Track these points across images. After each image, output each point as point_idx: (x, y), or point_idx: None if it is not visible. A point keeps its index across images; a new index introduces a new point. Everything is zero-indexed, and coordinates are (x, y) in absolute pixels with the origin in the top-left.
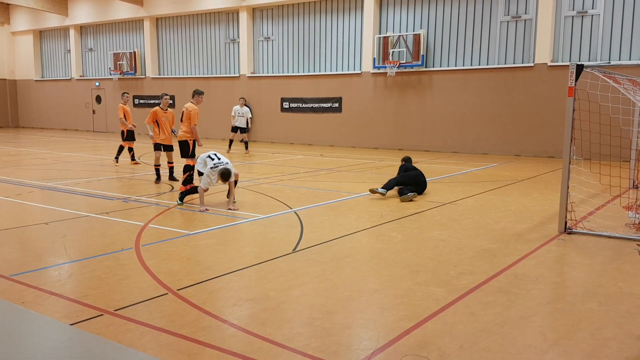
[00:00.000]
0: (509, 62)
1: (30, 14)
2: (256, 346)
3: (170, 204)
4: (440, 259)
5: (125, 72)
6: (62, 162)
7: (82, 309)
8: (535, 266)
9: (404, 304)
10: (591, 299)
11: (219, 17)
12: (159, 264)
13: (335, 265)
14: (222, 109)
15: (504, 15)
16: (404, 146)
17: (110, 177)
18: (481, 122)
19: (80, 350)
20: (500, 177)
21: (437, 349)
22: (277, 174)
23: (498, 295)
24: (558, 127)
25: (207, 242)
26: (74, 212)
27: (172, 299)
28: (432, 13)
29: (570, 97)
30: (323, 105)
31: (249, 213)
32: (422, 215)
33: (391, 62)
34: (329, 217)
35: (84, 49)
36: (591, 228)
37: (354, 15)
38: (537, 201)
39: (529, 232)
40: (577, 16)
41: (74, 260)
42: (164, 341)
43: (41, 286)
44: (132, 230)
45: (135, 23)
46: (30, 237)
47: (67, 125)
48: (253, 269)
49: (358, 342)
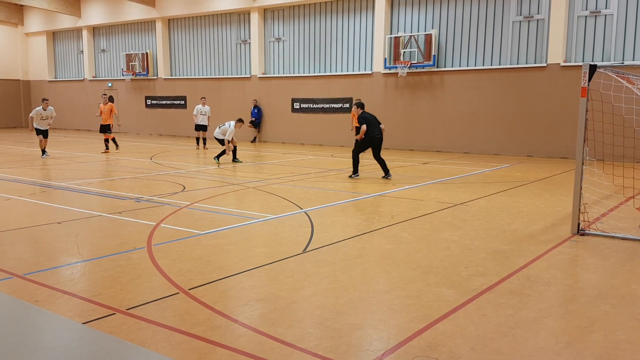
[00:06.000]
0: (522, 62)
1: (44, 15)
2: (267, 346)
3: (181, 203)
4: (451, 260)
5: (138, 73)
6: (75, 162)
7: (95, 308)
8: (548, 268)
9: (414, 305)
10: (604, 301)
11: (230, 18)
12: (170, 263)
13: (345, 266)
14: (233, 110)
15: (516, 15)
16: (415, 146)
17: (122, 177)
18: (493, 122)
19: (92, 349)
20: (512, 178)
21: (448, 351)
22: (287, 175)
23: (510, 296)
24: (571, 127)
25: (218, 242)
26: (87, 212)
27: (184, 298)
28: (443, 13)
29: (583, 97)
30: (334, 105)
31: (259, 213)
32: (433, 216)
33: (402, 62)
34: (339, 217)
35: (96, 49)
36: (604, 229)
37: (365, 15)
38: (550, 202)
39: (542, 234)
40: (591, 16)
41: (86, 260)
42: (175, 340)
43: (54, 285)
44: (144, 230)
45: (148, 24)
46: (43, 237)
47: (80, 126)
48: (263, 269)
49: (368, 343)
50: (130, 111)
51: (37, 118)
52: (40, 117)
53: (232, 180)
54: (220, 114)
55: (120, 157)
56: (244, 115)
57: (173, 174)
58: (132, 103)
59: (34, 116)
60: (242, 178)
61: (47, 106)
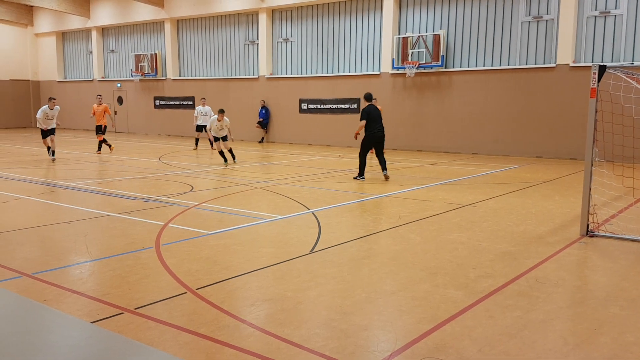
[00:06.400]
0: (530, 63)
1: (53, 15)
2: (274, 346)
3: (189, 203)
4: (459, 262)
5: (147, 73)
6: (84, 162)
7: (103, 307)
8: (556, 269)
9: (422, 306)
10: (613, 303)
11: (238, 19)
12: (178, 263)
13: (352, 267)
14: (241, 110)
15: (525, 15)
16: (423, 147)
17: (131, 177)
18: (501, 123)
19: (100, 348)
20: (520, 179)
21: (456, 352)
22: (295, 175)
23: (518, 298)
24: (580, 128)
25: (225, 242)
26: (96, 212)
27: (191, 298)
28: (452, 13)
29: (592, 98)
30: (341, 106)
31: (267, 214)
32: (441, 217)
33: (410, 62)
34: (346, 218)
35: (105, 50)
36: (614, 231)
37: (373, 15)
38: (559, 203)
39: (550, 235)
40: (600, 16)
41: (95, 259)
42: (183, 340)
43: (63, 284)
44: (153, 230)
45: (156, 25)
46: (52, 236)
47: (89, 126)
48: (270, 269)
49: (376, 344)
50: (139, 112)
51: (43, 117)
52: (46, 116)
53: (240, 180)
54: (228, 114)
55: (129, 158)
56: (252, 116)
57: (181, 174)
58: (140, 103)
59: (40, 117)
60: (249, 178)
61: (54, 105)
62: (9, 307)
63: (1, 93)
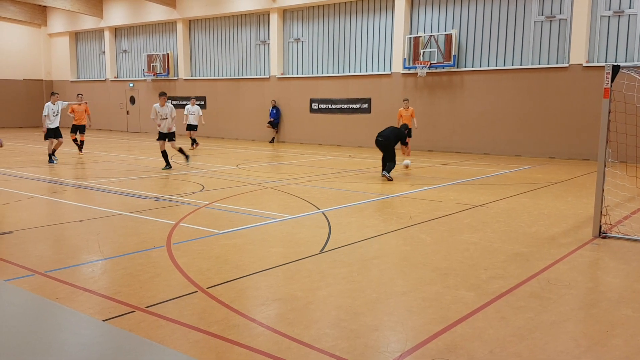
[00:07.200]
0: (543, 63)
1: (66, 16)
2: (284, 346)
3: (200, 203)
4: (470, 263)
5: (159, 73)
6: (96, 162)
7: (115, 306)
8: (569, 271)
9: (432, 307)
10: (626, 305)
11: (250, 19)
12: (189, 262)
13: (362, 267)
14: (252, 110)
15: (538, 15)
16: (434, 147)
17: (143, 176)
18: (514, 123)
19: (111, 346)
20: (533, 179)
21: (467, 353)
22: (305, 175)
23: (530, 300)
24: (593, 129)
25: (235, 241)
26: (108, 211)
27: (202, 297)
28: (464, 13)
29: (605, 98)
30: (352, 106)
31: (277, 213)
32: (452, 217)
33: (422, 62)
34: (356, 218)
35: (118, 50)
36: (627, 232)
37: (384, 15)
38: (571, 204)
39: (563, 236)
40: (614, 16)
41: (107, 258)
42: (193, 338)
43: (75, 283)
44: (164, 229)
45: (168, 25)
46: (64, 235)
47: (102, 126)
48: (280, 269)
49: (386, 345)
50: (151, 111)
51: (51, 115)
52: (53, 112)
53: (251, 180)
54: (239, 114)
55: (141, 157)
56: (263, 116)
57: (192, 173)
58: (153, 103)
59: (48, 114)
60: (260, 178)
61: (56, 100)
62: (21, 305)
63: (15, 93)
